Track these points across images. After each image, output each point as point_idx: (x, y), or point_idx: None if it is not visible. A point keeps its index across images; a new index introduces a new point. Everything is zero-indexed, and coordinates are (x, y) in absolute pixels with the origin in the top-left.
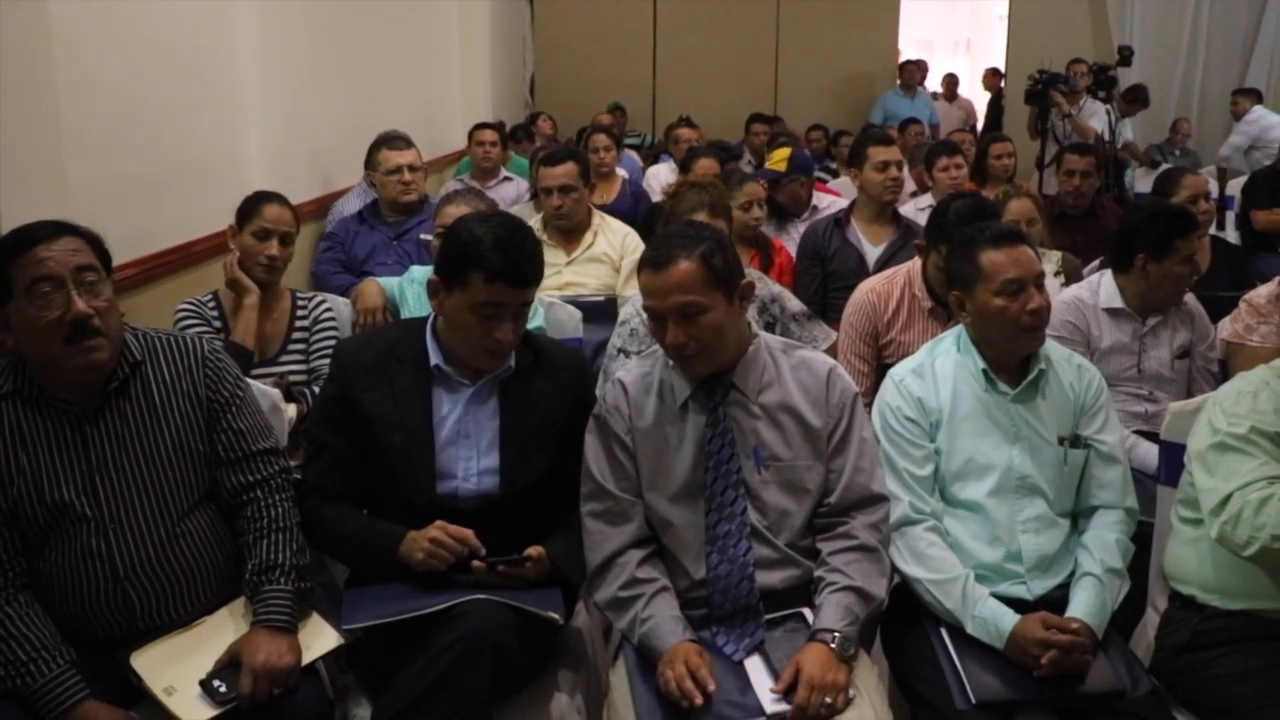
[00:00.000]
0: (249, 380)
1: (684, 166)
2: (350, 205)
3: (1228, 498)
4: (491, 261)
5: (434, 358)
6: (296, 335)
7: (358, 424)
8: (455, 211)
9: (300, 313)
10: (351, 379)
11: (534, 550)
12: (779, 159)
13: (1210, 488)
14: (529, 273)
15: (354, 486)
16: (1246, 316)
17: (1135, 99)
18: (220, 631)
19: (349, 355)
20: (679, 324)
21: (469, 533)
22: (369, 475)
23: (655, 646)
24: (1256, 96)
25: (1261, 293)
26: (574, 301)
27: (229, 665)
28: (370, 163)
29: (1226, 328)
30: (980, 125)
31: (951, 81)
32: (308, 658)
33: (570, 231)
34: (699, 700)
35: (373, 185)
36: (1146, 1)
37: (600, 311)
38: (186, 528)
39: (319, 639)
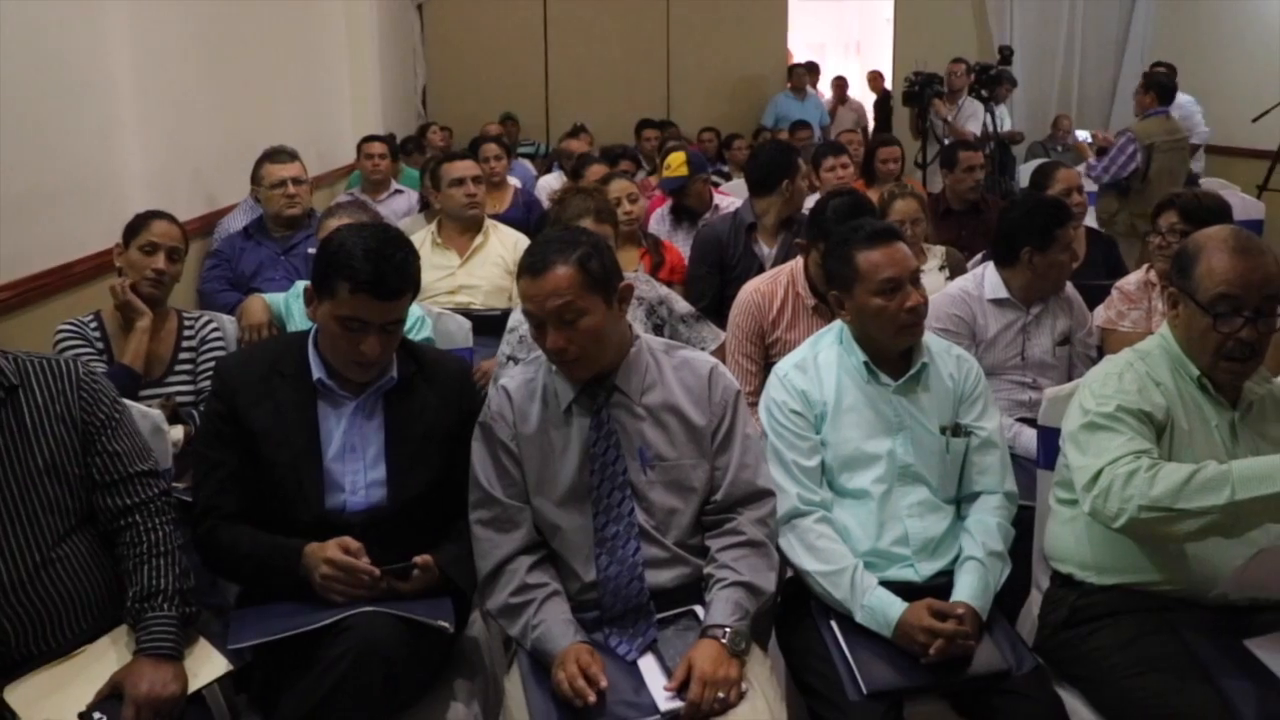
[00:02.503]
0: (130, 403)
1: (575, 173)
2: (236, 222)
3: (1099, 473)
4: (358, 272)
5: (316, 371)
6: (183, 356)
7: (244, 439)
8: (336, 224)
9: (187, 333)
10: (236, 394)
11: (422, 559)
12: (677, 165)
13: (1082, 465)
14: (396, 285)
15: (250, 503)
16: (1118, 303)
17: (1000, 82)
18: (101, 661)
19: (231, 371)
20: (558, 329)
21: (362, 565)
22: (257, 491)
23: (548, 651)
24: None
25: (1132, 280)
26: (466, 312)
27: (110, 696)
28: (255, 178)
29: (1101, 314)
30: (871, 126)
31: (841, 84)
32: (194, 685)
33: (473, 224)
34: (591, 698)
35: (258, 201)
36: (1025, 2)
37: (494, 325)
38: (61, 553)
39: (206, 665)
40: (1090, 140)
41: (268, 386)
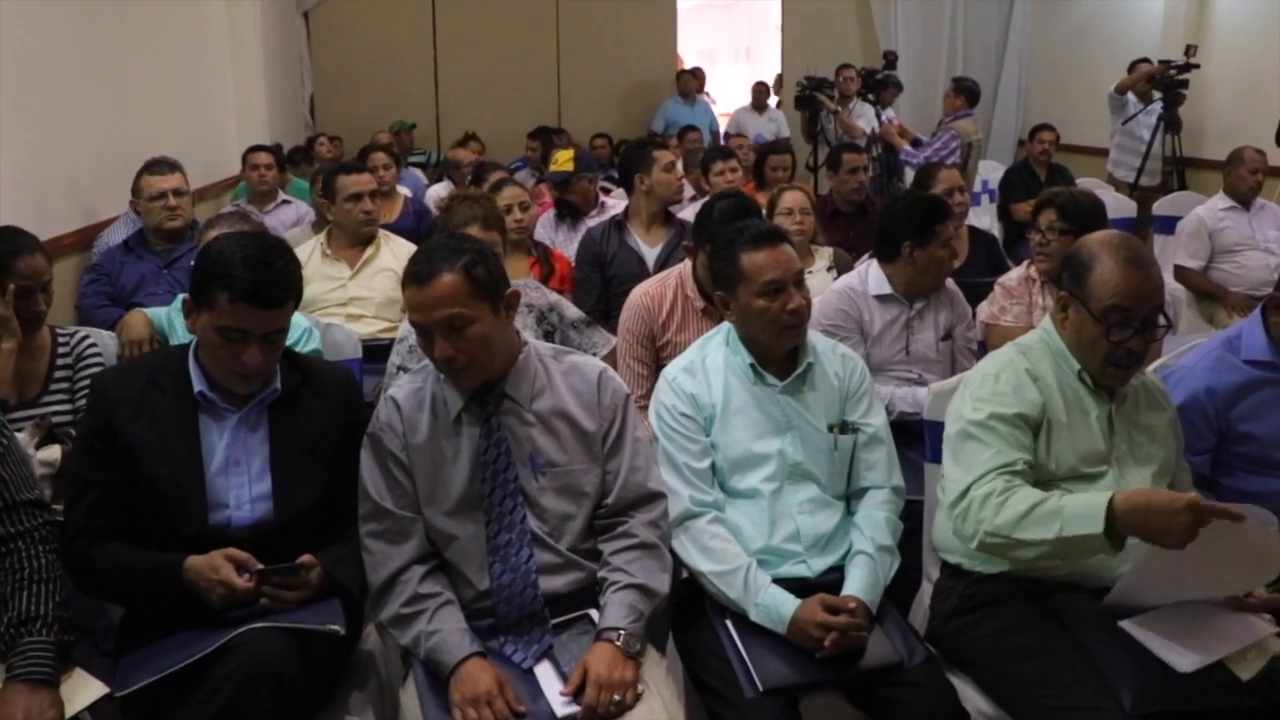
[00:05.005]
0: None
1: (477, 179)
2: (116, 235)
3: (965, 491)
4: (237, 280)
5: (197, 384)
6: (59, 374)
7: (122, 456)
8: (216, 235)
9: (62, 349)
10: (113, 410)
11: (306, 558)
12: (564, 160)
13: (953, 478)
14: (277, 293)
15: (125, 522)
16: (1000, 299)
17: (886, 86)
18: None
19: (109, 386)
20: (446, 337)
21: (240, 583)
22: (137, 509)
23: (443, 661)
24: (970, 96)
25: (1013, 276)
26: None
27: None
28: (134, 189)
29: (985, 310)
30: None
31: (760, 90)
32: (70, 711)
33: (367, 238)
34: None
35: (139, 213)
36: (908, 9)
37: (382, 353)
38: None
39: (82, 691)
40: (889, 120)
41: (146, 401)
